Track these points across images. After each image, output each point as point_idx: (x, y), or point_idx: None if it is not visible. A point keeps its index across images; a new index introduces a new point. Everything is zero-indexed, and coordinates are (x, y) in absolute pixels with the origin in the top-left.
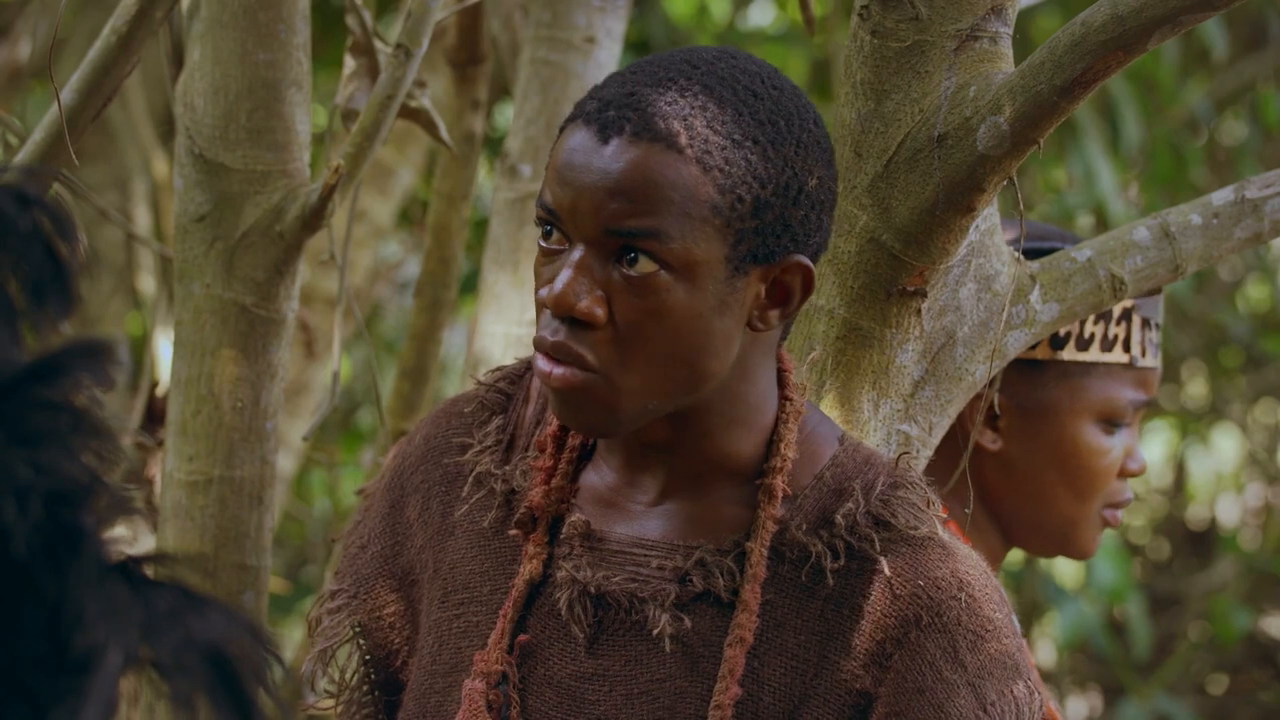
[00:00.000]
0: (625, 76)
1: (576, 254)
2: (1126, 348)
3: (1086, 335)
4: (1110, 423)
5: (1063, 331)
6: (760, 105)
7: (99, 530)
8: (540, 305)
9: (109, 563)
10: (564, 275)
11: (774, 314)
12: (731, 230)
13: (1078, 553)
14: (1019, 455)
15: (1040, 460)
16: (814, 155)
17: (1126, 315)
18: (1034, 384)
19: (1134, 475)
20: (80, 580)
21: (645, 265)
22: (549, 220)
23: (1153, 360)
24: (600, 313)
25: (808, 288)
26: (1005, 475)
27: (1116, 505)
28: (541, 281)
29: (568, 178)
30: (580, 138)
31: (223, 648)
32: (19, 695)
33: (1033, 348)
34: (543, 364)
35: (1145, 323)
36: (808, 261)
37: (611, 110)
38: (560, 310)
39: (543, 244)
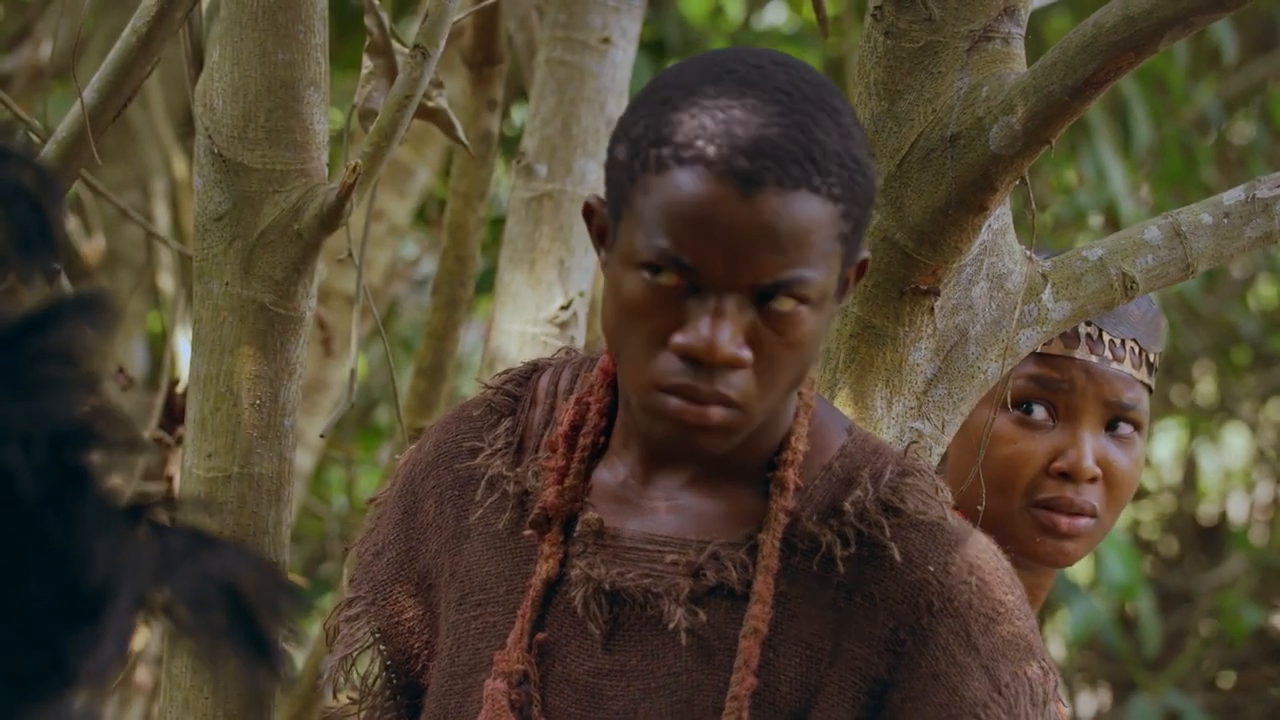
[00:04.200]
0: (728, 112)
1: (724, 302)
2: None
3: None
4: (1021, 409)
5: None
6: (841, 119)
7: (104, 475)
8: (679, 351)
9: (118, 507)
10: (720, 327)
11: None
12: (845, 250)
13: (1024, 552)
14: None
15: (956, 442)
16: (870, 154)
17: None
18: None
19: (1071, 477)
20: (88, 523)
21: (786, 303)
22: (676, 270)
23: (1063, 350)
24: (748, 355)
25: (862, 273)
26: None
27: (1049, 505)
28: (655, 320)
29: (713, 234)
30: (713, 188)
31: (239, 585)
32: (33, 639)
33: None
34: (678, 404)
35: None
36: (867, 253)
37: (742, 159)
38: (718, 362)
39: (649, 279)
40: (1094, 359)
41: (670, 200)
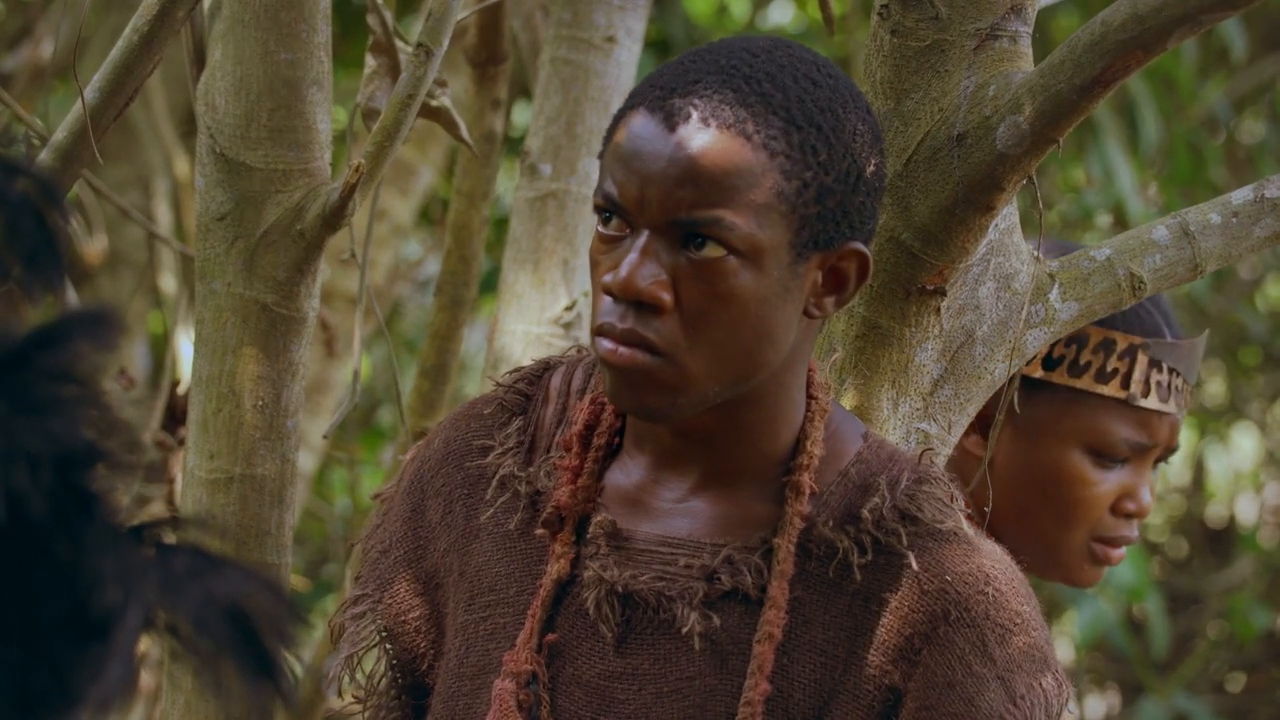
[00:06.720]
0: (685, 65)
1: (642, 239)
2: (1125, 384)
3: (1082, 362)
4: (1101, 455)
5: (1056, 353)
6: (820, 93)
7: (110, 495)
8: (604, 290)
9: (123, 526)
10: (630, 260)
11: (829, 301)
12: (796, 216)
13: (1063, 578)
14: (1004, 466)
15: (1022, 476)
16: (870, 142)
17: (1131, 351)
18: (1023, 400)
19: (1134, 515)
20: (95, 544)
21: (712, 250)
22: (610, 208)
23: (1159, 404)
24: (667, 297)
25: (863, 274)
26: (992, 483)
27: (1109, 541)
28: (602, 267)
29: (634, 166)
30: (645, 125)
31: (243, 605)
32: (40, 660)
33: (1027, 363)
34: (607, 345)
35: (1155, 364)
36: (864, 248)
37: (676, 98)
38: (627, 295)
39: (601, 230)
40: (1176, 411)
41: (614, 144)
